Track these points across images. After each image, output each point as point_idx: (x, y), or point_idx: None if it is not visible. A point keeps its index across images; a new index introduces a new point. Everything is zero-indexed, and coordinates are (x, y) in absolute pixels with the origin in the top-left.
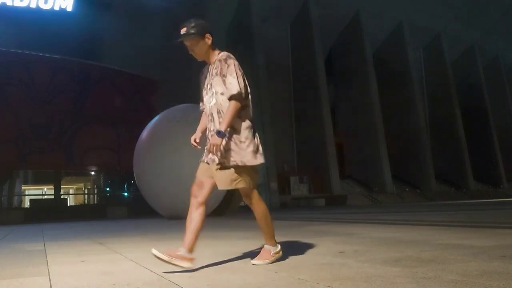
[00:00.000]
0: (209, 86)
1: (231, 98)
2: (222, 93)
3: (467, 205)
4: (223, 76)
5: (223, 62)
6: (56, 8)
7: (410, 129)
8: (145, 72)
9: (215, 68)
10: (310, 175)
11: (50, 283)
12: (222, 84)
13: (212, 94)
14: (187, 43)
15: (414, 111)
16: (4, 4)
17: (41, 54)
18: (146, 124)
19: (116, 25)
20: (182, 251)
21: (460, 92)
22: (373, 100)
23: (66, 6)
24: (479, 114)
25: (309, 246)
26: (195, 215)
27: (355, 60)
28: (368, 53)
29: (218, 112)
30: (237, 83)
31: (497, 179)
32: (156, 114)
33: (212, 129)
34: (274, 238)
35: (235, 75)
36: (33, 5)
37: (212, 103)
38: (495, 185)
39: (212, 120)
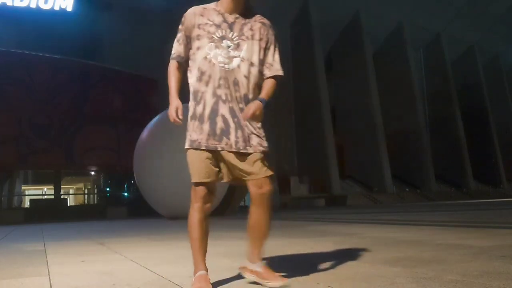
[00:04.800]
0: (232, 45)
1: (275, 78)
2: (252, 64)
3: (467, 205)
4: (266, 45)
5: (269, 29)
6: (56, 8)
7: (410, 129)
8: (145, 72)
9: (250, 29)
10: (310, 175)
11: (50, 283)
12: (258, 53)
13: (235, 57)
14: None
15: (414, 111)
16: (4, 4)
17: (41, 54)
18: (146, 124)
19: (116, 25)
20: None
21: (460, 92)
22: (373, 100)
23: (66, 6)
24: (479, 114)
25: (309, 246)
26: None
27: (355, 60)
28: (368, 53)
29: (235, 83)
30: (281, 64)
31: (497, 179)
32: (156, 114)
33: (226, 97)
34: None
35: (279, 53)
36: (33, 5)
37: (231, 66)
38: (495, 185)
39: (228, 86)
